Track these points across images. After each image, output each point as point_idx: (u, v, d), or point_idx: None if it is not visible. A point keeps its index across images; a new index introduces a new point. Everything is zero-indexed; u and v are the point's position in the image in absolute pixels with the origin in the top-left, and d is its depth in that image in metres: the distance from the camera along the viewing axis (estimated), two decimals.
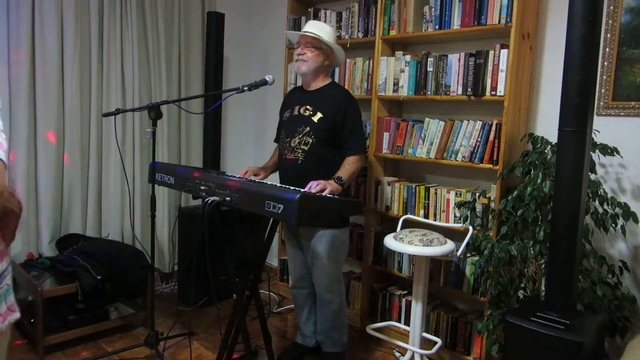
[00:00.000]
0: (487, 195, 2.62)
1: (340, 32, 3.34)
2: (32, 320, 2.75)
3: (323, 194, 2.22)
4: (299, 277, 2.75)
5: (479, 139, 2.64)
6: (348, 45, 3.27)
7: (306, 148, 2.51)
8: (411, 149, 2.94)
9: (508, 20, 2.48)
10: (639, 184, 2.39)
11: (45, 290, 2.68)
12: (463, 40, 2.91)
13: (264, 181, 2.52)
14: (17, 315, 1.29)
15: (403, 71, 2.95)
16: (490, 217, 2.58)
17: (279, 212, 1.90)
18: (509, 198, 2.35)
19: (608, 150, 2.25)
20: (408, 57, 2.93)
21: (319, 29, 2.56)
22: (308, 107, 2.56)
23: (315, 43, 2.53)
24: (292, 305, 3.29)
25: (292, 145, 2.55)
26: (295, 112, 2.60)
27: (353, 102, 2.58)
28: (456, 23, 2.70)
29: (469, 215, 2.65)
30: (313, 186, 2.25)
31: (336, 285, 2.62)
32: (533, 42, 2.63)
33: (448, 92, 2.76)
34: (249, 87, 2.49)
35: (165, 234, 3.76)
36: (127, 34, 3.44)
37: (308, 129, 2.52)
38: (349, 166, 2.47)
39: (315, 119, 2.52)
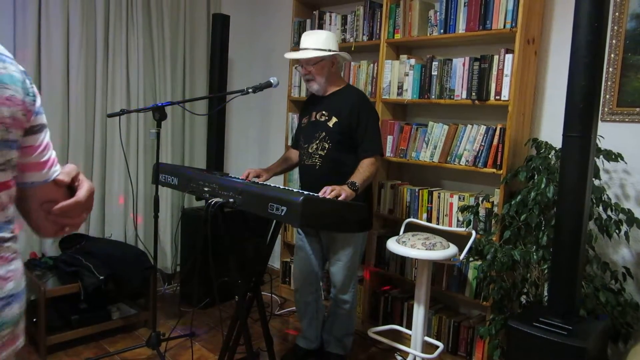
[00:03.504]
0: (491, 200, 2.62)
1: (345, 35, 3.34)
2: (34, 320, 2.75)
3: (338, 200, 2.21)
4: (304, 281, 2.75)
5: (483, 144, 2.64)
6: (353, 49, 3.28)
7: (323, 153, 2.51)
8: (415, 153, 2.94)
9: (513, 25, 2.48)
10: None
11: (48, 289, 2.69)
12: (468, 44, 2.91)
13: (268, 183, 2.53)
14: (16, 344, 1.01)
15: (407, 75, 2.95)
16: (493, 221, 2.58)
17: (282, 214, 1.90)
18: (513, 203, 2.35)
19: (612, 156, 2.25)
20: (413, 61, 2.93)
21: (316, 40, 2.52)
22: (324, 112, 2.57)
23: (316, 59, 2.50)
24: (294, 308, 3.29)
25: (310, 151, 2.56)
26: (313, 118, 2.61)
27: (367, 104, 2.57)
28: (461, 27, 2.70)
29: (472, 220, 2.65)
30: (327, 192, 2.24)
31: (350, 287, 2.64)
32: (538, 47, 2.63)
33: (452, 96, 2.76)
34: (254, 89, 2.50)
35: (168, 235, 3.76)
36: (133, 34, 3.45)
37: (324, 134, 2.52)
38: (363, 170, 2.44)
39: (330, 123, 2.52)
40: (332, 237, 2.57)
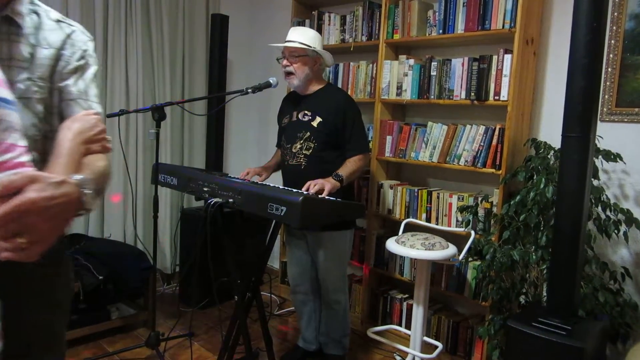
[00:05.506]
0: (490, 200, 2.62)
1: (344, 35, 3.35)
2: None
3: (323, 194, 2.22)
4: (298, 282, 2.76)
5: (482, 144, 2.64)
6: (352, 49, 3.28)
7: (308, 153, 2.51)
8: (414, 153, 2.94)
9: (512, 25, 2.48)
10: None
11: None
12: (467, 44, 2.91)
13: (267, 183, 2.53)
14: None
15: (406, 75, 2.95)
16: (492, 221, 2.58)
17: (282, 214, 1.90)
18: (512, 203, 2.35)
19: (611, 157, 2.25)
20: (412, 61, 2.93)
21: (302, 35, 2.51)
22: (306, 112, 2.55)
23: (300, 52, 2.49)
24: (293, 308, 3.29)
25: (294, 151, 2.54)
26: (294, 118, 2.59)
27: (351, 103, 2.57)
28: (460, 28, 2.71)
29: (471, 220, 2.65)
30: (311, 186, 2.25)
31: (341, 287, 2.64)
32: (537, 47, 2.63)
33: (451, 97, 2.76)
34: (253, 90, 2.50)
35: (167, 235, 3.76)
36: (132, 35, 3.45)
37: (308, 134, 2.51)
38: (349, 165, 2.47)
39: (314, 123, 2.51)
40: (318, 238, 2.55)
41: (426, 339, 2.70)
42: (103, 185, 1.07)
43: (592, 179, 2.12)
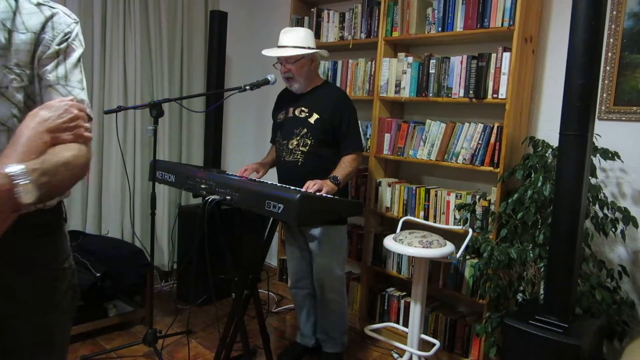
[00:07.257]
0: (487, 198, 2.63)
1: (343, 32, 3.34)
2: None
3: (320, 193, 2.23)
4: (299, 277, 2.76)
5: (480, 142, 2.64)
6: (351, 46, 3.28)
7: (305, 150, 2.51)
8: (412, 151, 2.94)
9: (511, 23, 2.48)
10: (639, 188, 2.40)
11: None
12: (465, 42, 2.91)
13: (265, 180, 2.52)
14: None
15: (405, 73, 2.95)
16: (490, 219, 2.59)
17: (279, 211, 1.90)
18: (509, 201, 2.35)
19: (609, 155, 2.26)
20: (410, 59, 2.93)
21: (294, 38, 2.49)
22: (303, 108, 2.55)
23: (297, 57, 2.48)
24: (291, 305, 3.30)
25: (290, 147, 2.54)
26: (290, 114, 2.58)
27: (348, 101, 2.58)
28: (459, 25, 2.70)
29: (468, 218, 2.66)
30: (310, 186, 2.25)
31: (338, 284, 2.63)
32: (536, 45, 2.63)
33: (450, 94, 2.76)
34: (251, 87, 2.49)
35: (165, 232, 3.76)
36: (130, 31, 3.44)
37: (305, 130, 2.51)
38: (345, 165, 2.47)
39: (311, 120, 2.51)
40: (313, 234, 2.55)
41: (424, 336, 2.71)
42: (63, 177, 0.98)
43: (590, 177, 2.13)
